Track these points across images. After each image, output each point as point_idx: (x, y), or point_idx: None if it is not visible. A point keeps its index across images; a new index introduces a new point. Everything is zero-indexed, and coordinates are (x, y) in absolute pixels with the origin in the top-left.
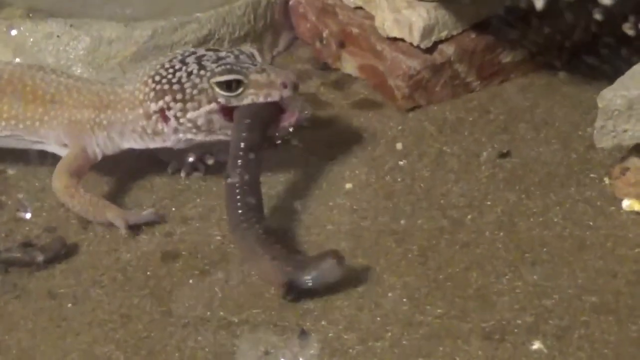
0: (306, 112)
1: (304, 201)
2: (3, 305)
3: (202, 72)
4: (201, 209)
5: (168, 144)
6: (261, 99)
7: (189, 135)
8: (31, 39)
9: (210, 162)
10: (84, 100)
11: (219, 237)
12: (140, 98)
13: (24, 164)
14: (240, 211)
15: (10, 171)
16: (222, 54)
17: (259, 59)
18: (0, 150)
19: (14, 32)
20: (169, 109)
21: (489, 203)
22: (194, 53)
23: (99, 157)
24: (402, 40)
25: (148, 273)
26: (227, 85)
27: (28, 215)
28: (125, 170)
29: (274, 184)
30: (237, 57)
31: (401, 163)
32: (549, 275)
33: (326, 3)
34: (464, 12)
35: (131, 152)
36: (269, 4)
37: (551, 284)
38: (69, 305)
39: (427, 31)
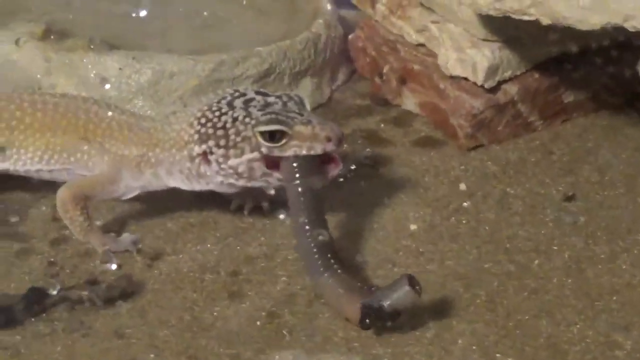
0: (367, 150)
1: (370, 242)
2: (71, 343)
3: (247, 119)
4: (266, 248)
5: (211, 186)
6: (304, 152)
7: (230, 180)
8: (94, 71)
9: (264, 204)
10: (134, 137)
11: (284, 278)
12: (185, 139)
13: None
14: (316, 257)
15: None
16: (271, 99)
17: (307, 106)
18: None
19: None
20: (212, 153)
21: (555, 248)
22: (243, 95)
23: (129, 194)
24: (466, 79)
25: (215, 314)
26: (271, 136)
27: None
28: (187, 207)
29: (338, 224)
30: (284, 103)
31: (465, 204)
32: (619, 324)
33: (387, 39)
34: (527, 52)
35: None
36: (328, 39)
37: (622, 333)
38: (137, 345)
39: (491, 71)
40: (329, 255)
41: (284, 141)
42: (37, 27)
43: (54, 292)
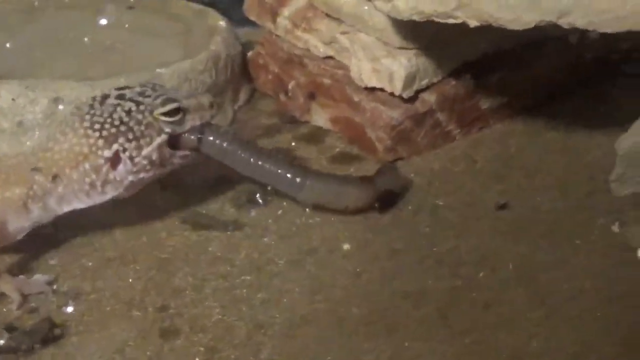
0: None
1: (304, 266)
2: None
3: (141, 107)
4: (192, 279)
5: (120, 190)
6: (197, 122)
7: (141, 174)
8: None
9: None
10: (12, 177)
11: (218, 310)
12: (85, 151)
13: None
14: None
15: None
16: (138, 89)
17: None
18: None
19: None
20: (124, 150)
21: (498, 259)
22: (107, 96)
23: (20, 235)
24: (382, 90)
25: (148, 353)
26: (170, 114)
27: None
28: (100, 240)
29: (265, 248)
30: (153, 87)
31: (397, 220)
32: (583, 331)
33: (292, 54)
34: (444, 59)
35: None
36: (228, 57)
37: (587, 341)
38: None
39: (409, 80)
40: (303, 167)
41: (180, 115)
42: None
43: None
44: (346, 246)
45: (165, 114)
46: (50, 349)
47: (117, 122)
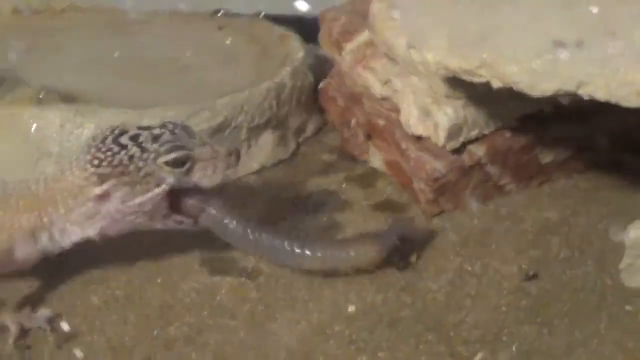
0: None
1: (301, 327)
2: None
3: (145, 155)
4: (187, 329)
5: (104, 224)
6: (209, 172)
7: (129, 218)
8: (34, 125)
9: None
10: (21, 206)
11: None
12: (81, 184)
13: None
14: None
15: None
16: (156, 131)
17: (194, 132)
18: None
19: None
20: (116, 192)
21: (504, 339)
22: (124, 132)
23: (28, 264)
24: (428, 138)
25: None
26: (174, 163)
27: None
28: (116, 276)
29: (281, 307)
30: (172, 132)
31: (415, 282)
32: None
33: (353, 91)
34: (497, 110)
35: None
36: (294, 88)
37: None
38: None
39: (453, 131)
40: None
41: (188, 165)
42: None
43: None
44: (351, 308)
45: (169, 163)
46: None
47: (115, 163)
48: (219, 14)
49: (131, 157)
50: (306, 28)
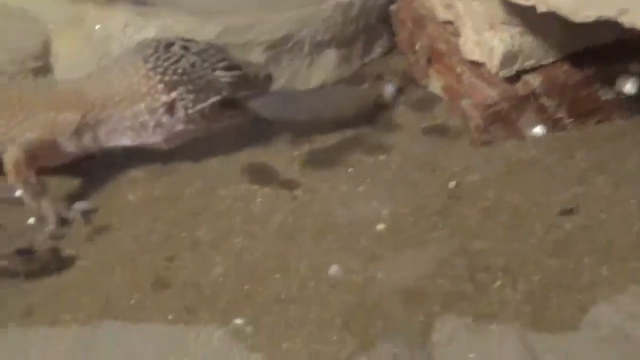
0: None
1: (327, 237)
2: None
3: (205, 64)
4: (214, 235)
5: (166, 136)
6: (250, 90)
7: (191, 126)
8: (98, 26)
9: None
10: (66, 103)
11: (220, 270)
12: (144, 91)
13: None
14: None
15: None
16: (202, 45)
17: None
18: None
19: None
20: (182, 99)
21: (527, 269)
22: (171, 44)
23: (68, 159)
24: (484, 65)
25: (132, 302)
26: (229, 69)
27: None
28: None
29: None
30: (218, 49)
31: (451, 206)
32: None
33: (420, 13)
34: (557, 41)
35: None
36: (364, 8)
37: None
38: (41, 326)
39: (508, 59)
40: None
41: (238, 71)
42: None
43: None
44: (380, 226)
45: (227, 76)
46: (50, 279)
47: (180, 71)
48: None
49: (193, 65)
50: None
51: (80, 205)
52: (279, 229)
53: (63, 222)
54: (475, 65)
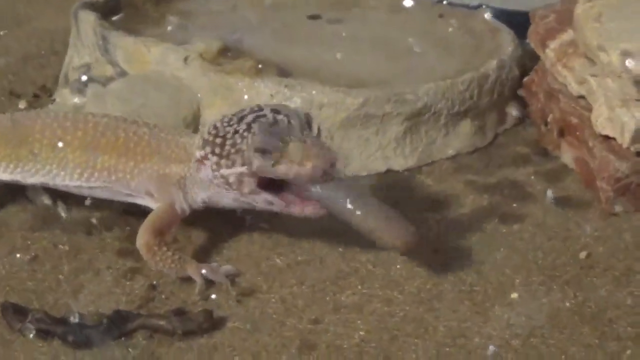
0: None
1: (462, 306)
2: None
3: (245, 133)
4: (358, 298)
5: (204, 196)
6: (293, 172)
7: (223, 190)
8: (246, 96)
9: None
10: (172, 154)
11: (362, 333)
12: (191, 150)
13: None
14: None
15: None
16: (280, 117)
17: (313, 126)
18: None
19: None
20: (207, 159)
21: None
22: (257, 111)
23: (187, 211)
24: (615, 139)
25: None
26: (262, 152)
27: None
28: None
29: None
30: (289, 122)
31: (581, 277)
32: None
33: (552, 87)
34: None
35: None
36: (498, 80)
37: None
38: None
39: (639, 134)
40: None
41: (272, 160)
42: (214, 44)
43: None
44: (514, 295)
45: (257, 149)
46: (203, 339)
47: (221, 134)
48: (442, 2)
49: (234, 133)
50: (521, 23)
51: (227, 269)
52: (417, 295)
53: (209, 283)
54: (607, 139)
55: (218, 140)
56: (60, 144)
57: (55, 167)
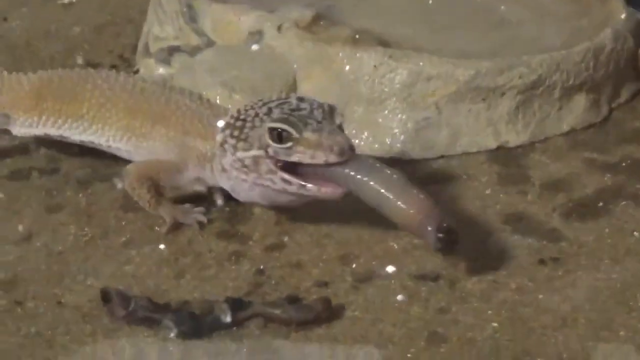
0: None
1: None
2: None
3: (265, 117)
4: (485, 285)
5: (230, 182)
6: (307, 159)
7: (242, 175)
8: (348, 67)
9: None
10: (202, 130)
11: (494, 324)
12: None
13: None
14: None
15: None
16: (303, 104)
17: (336, 117)
18: None
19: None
20: (226, 142)
21: None
22: (284, 99)
23: (190, 187)
24: None
25: (408, 355)
26: (278, 136)
27: None
28: None
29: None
30: (311, 110)
31: None
32: None
33: None
34: None
35: None
36: (614, 51)
37: None
38: None
39: None
40: None
41: (289, 144)
42: (307, 12)
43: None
44: None
45: (272, 130)
46: (320, 329)
47: (241, 117)
48: None
49: (255, 116)
50: None
51: (196, 210)
52: (549, 282)
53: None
54: None
55: (238, 124)
56: (107, 105)
57: (100, 127)
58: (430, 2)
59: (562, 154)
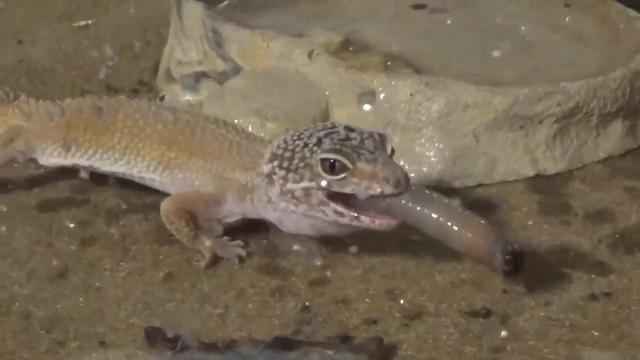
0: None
1: None
2: None
3: (315, 147)
4: (538, 322)
5: (277, 214)
6: (361, 190)
7: (292, 207)
8: (383, 95)
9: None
10: (240, 161)
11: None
12: (262, 160)
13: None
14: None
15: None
16: (353, 134)
17: (387, 147)
18: None
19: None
20: (274, 173)
21: None
22: (330, 127)
23: (230, 218)
24: None
25: None
26: (331, 167)
27: None
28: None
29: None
30: (362, 140)
31: None
32: None
33: None
34: None
35: None
36: None
37: None
38: None
39: None
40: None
41: (343, 175)
42: (335, 37)
43: None
44: None
45: (324, 162)
46: None
47: (290, 148)
48: None
49: (304, 147)
50: None
51: (235, 243)
52: (603, 319)
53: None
54: None
55: (287, 154)
56: (140, 135)
57: (133, 157)
58: (449, 22)
59: (601, 182)
